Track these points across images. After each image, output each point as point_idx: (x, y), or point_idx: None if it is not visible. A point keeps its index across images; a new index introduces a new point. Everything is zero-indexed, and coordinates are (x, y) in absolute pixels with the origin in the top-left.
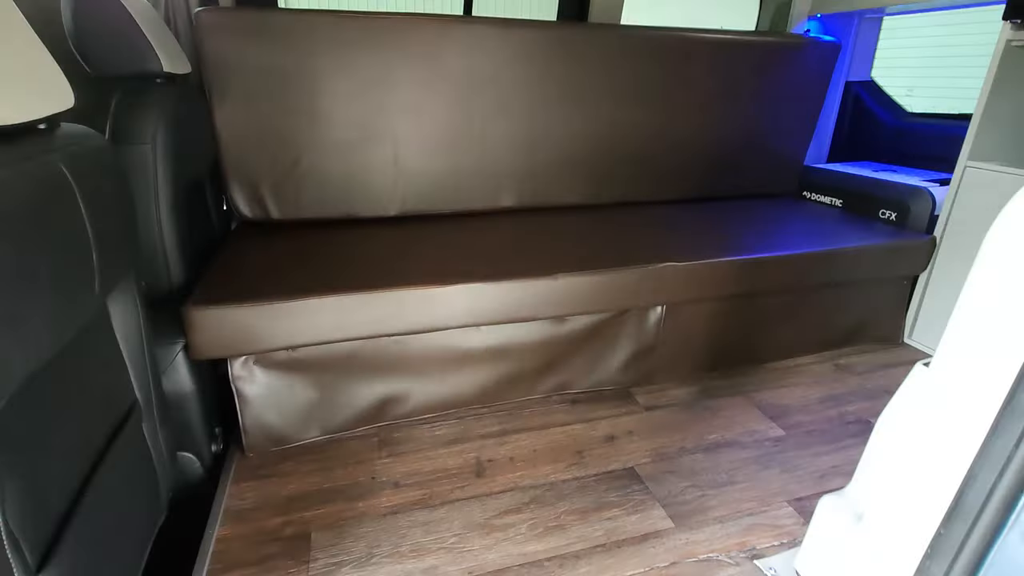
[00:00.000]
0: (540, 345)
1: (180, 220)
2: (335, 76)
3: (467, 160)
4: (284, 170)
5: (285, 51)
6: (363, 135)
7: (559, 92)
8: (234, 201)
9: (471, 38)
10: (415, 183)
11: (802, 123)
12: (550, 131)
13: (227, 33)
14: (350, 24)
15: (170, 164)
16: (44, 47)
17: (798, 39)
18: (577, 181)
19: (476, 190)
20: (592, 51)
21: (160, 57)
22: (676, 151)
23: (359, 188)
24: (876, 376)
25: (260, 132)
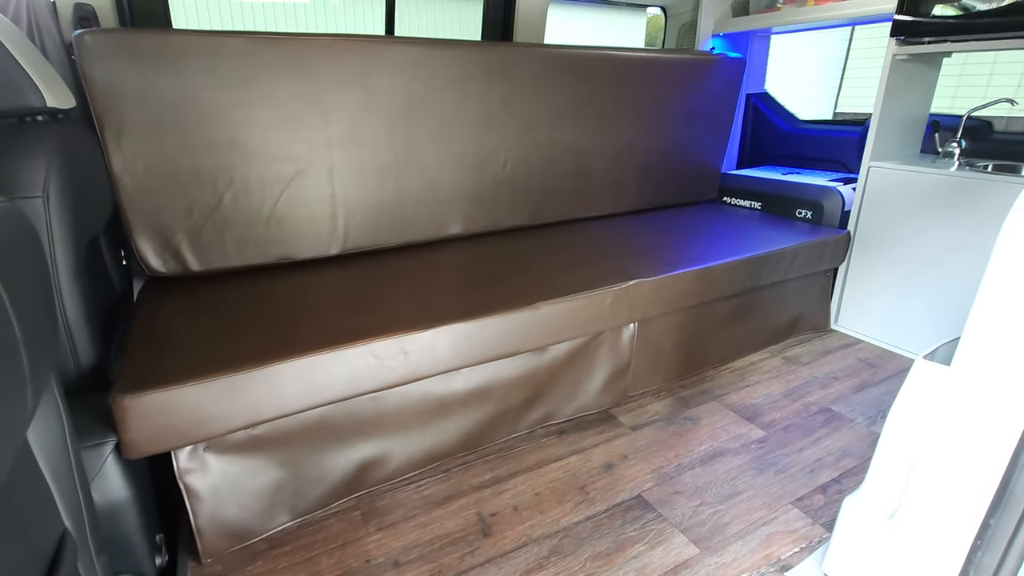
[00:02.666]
0: (522, 379)
1: (84, 287)
2: (257, 105)
3: (410, 188)
4: (203, 214)
5: (192, 78)
6: (295, 168)
7: (496, 113)
8: (141, 255)
9: (402, 60)
10: (356, 217)
11: (718, 133)
12: (491, 153)
13: (118, 59)
14: (269, 47)
15: (69, 219)
16: None
17: (711, 56)
18: (521, 202)
19: (422, 219)
20: (522, 71)
21: (41, 89)
22: (610, 166)
23: (294, 227)
24: (820, 364)
25: (170, 172)
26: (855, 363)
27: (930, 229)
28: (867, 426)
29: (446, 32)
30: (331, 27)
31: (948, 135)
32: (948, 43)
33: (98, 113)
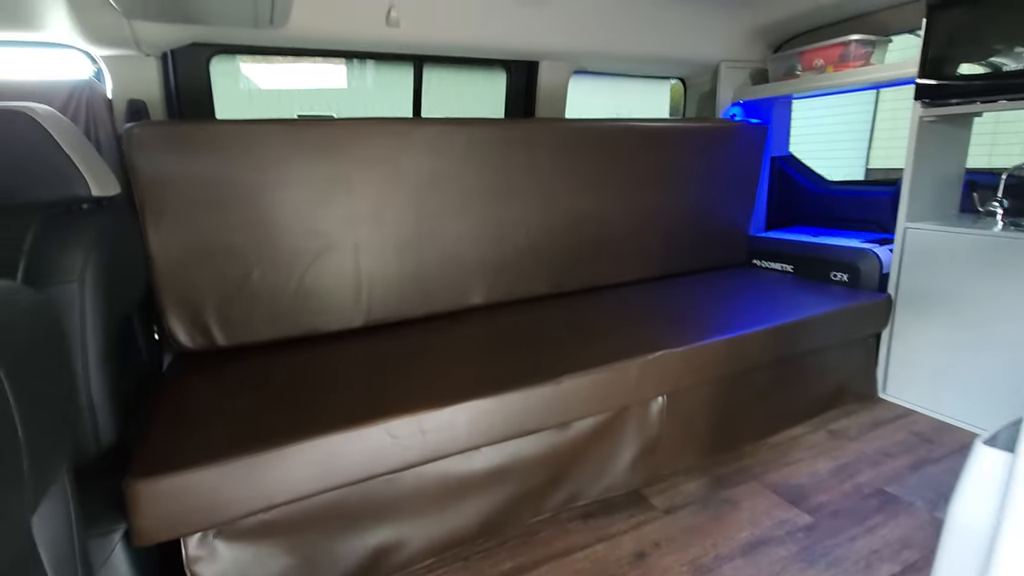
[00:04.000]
0: (545, 457)
1: (112, 369)
2: (288, 186)
3: (432, 260)
4: (232, 289)
5: (228, 163)
6: (321, 244)
7: (517, 184)
8: (171, 331)
9: (427, 139)
10: (379, 290)
11: (744, 197)
12: (512, 224)
13: (163, 149)
14: (301, 132)
15: (101, 303)
16: None
17: (731, 124)
18: (543, 271)
19: (444, 291)
20: (544, 145)
21: (88, 180)
22: (634, 233)
23: (319, 302)
24: (870, 439)
25: (203, 250)
26: (909, 437)
27: (978, 292)
28: (928, 511)
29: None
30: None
31: (988, 193)
32: (976, 104)
33: (140, 198)
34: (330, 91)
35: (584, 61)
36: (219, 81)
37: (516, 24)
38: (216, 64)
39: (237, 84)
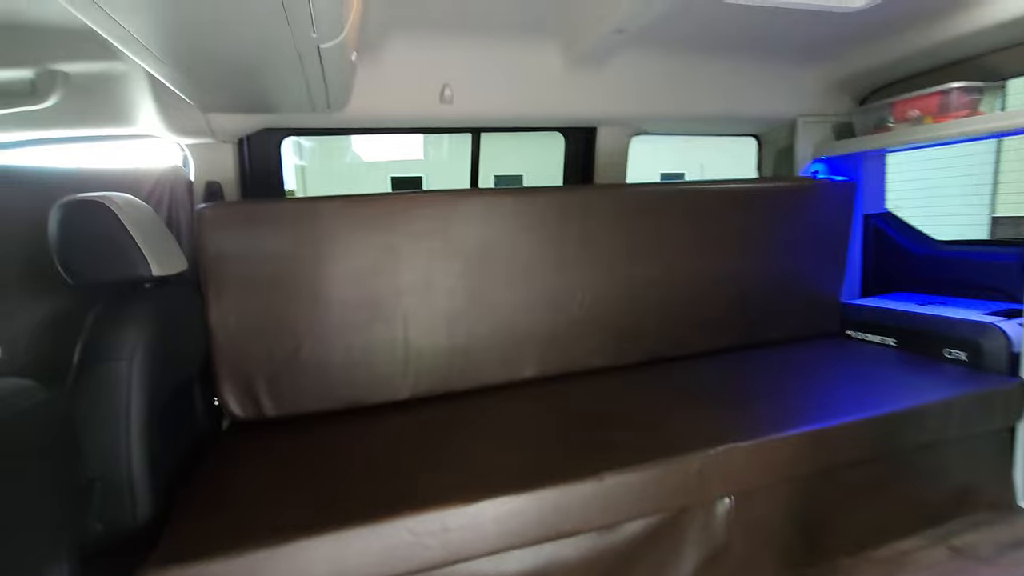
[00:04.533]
0: (588, 564)
1: (152, 444)
2: (340, 259)
3: (482, 331)
4: (282, 361)
5: (287, 239)
6: (369, 316)
7: (573, 254)
8: (224, 400)
9: (478, 209)
10: (427, 362)
11: (832, 261)
12: (566, 294)
13: (227, 227)
14: (354, 207)
15: (147, 381)
16: None
17: (811, 182)
18: (600, 342)
19: (494, 363)
20: (601, 211)
21: (150, 261)
22: (700, 302)
23: (365, 373)
24: (1007, 561)
25: (257, 323)
26: None
27: None
28: None
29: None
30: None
31: None
32: None
33: (204, 273)
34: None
35: (645, 124)
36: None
37: (572, 92)
38: (322, 142)
39: (344, 158)
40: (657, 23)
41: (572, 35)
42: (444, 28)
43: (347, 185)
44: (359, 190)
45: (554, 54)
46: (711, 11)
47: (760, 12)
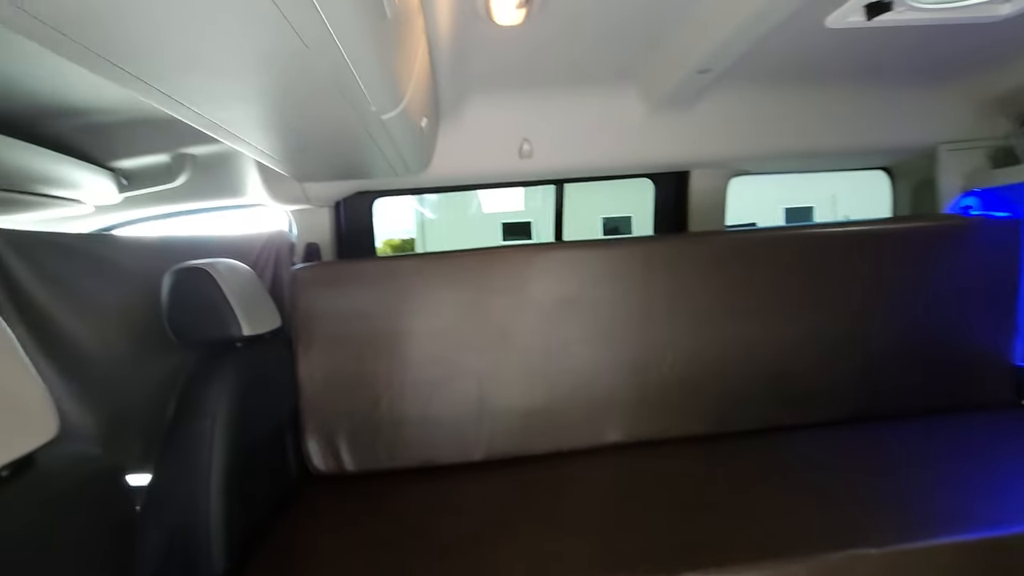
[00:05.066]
0: None
1: (231, 499)
2: (417, 316)
3: (561, 391)
4: (362, 417)
5: (369, 297)
6: (445, 373)
7: (659, 308)
8: (307, 453)
9: (556, 264)
10: (503, 422)
11: (999, 314)
12: (655, 353)
13: (318, 286)
14: (431, 264)
15: (229, 438)
16: (31, 369)
17: (963, 220)
18: (697, 406)
19: (575, 426)
20: (694, 262)
21: (242, 323)
22: (820, 363)
23: (440, 431)
24: None
25: (342, 379)
26: None
27: None
28: None
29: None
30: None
31: None
32: None
33: (295, 330)
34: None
35: (745, 164)
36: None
37: (658, 136)
38: (447, 196)
39: (469, 210)
40: (748, 58)
41: (652, 79)
42: (520, 85)
43: (465, 235)
44: (476, 239)
45: (635, 100)
46: (813, 39)
47: (879, 33)
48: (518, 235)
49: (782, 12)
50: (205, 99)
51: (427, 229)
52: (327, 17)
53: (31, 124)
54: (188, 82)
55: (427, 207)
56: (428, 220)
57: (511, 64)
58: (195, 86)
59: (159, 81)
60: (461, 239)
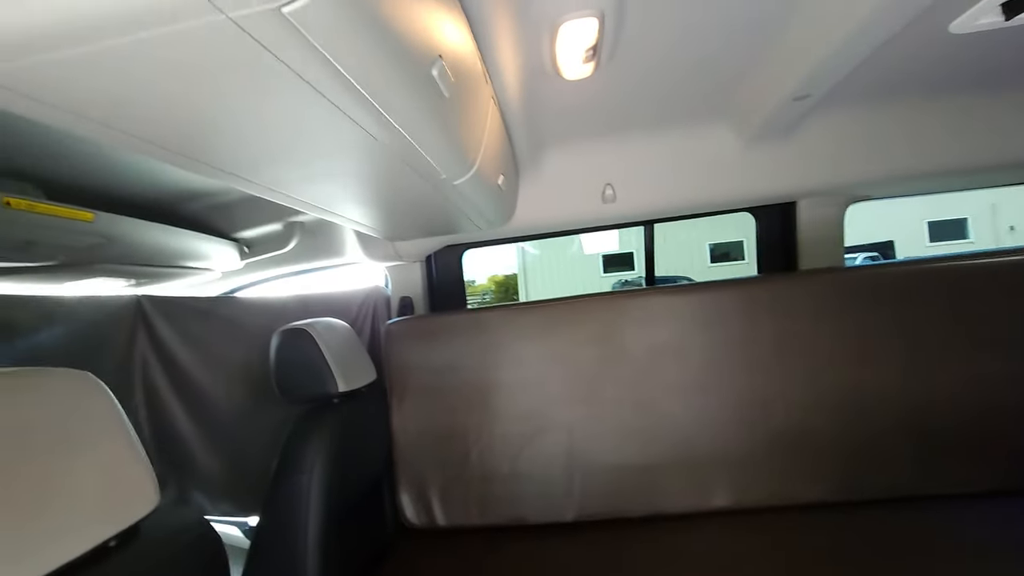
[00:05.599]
0: None
1: (329, 551)
2: (505, 368)
3: (658, 449)
4: (453, 471)
5: (457, 350)
6: (534, 428)
7: (767, 355)
8: (400, 505)
9: (647, 311)
10: (595, 480)
11: None
12: (763, 405)
13: (410, 339)
14: (517, 316)
15: (325, 492)
16: (138, 446)
17: None
18: (815, 470)
19: (674, 487)
20: (803, 301)
21: (338, 380)
22: (972, 420)
23: (530, 487)
24: None
25: (433, 432)
26: None
27: None
28: None
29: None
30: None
31: None
32: None
33: (388, 384)
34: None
35: (865, 190)
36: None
37: (755, 168)
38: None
39: (570, 250)
40: (855, 78)
41: (742, 112)
42: (597, 132)
43: (566, 269)
44: (576, 273)
45: (725, 133)
46: (935, 48)
47: (1016, 34)
48: (619, 267)
49: (886, 28)
50: (293, 185)
51: (528, 265)
52: (388, 113)
53: (172, 207)
54: (277, 173)
55: (529, 243)
56: (530, 256)
57: (586, 113)
58: (282, 176)
59: (254, 174)
60: (562, 273)
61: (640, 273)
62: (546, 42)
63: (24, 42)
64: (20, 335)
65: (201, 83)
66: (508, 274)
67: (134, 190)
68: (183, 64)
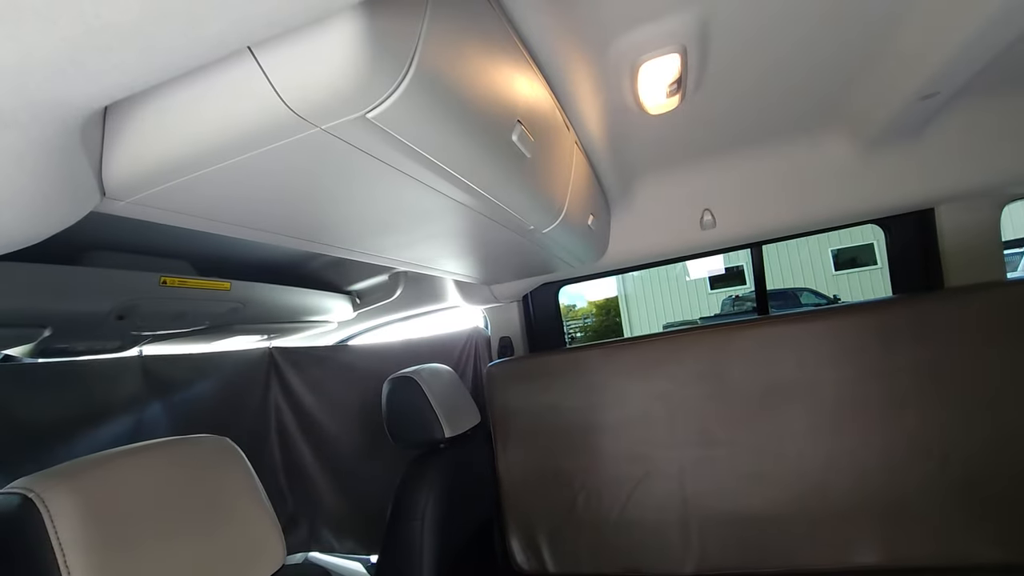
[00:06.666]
0: None
1: None
2: (608, 409)
3: (786, 497)
4: (561, 515)
5: (558, 390)
6: (643, 471)
7: (909, 390)
8: (510, 549)
9: (758, 344)
10: (714, 531)
11: None
12: (912, 447)
13: (510, 381)
14: (618, 353)
15: (437, 535)
16: (268, 506)
17: None
18: (982, 525)
19: (808, 540)
20: (950, 326)
21: (444, 425)
22: None
23: (643, 535)
24: None
25: (539, 475)
26: None
27: None
28: None
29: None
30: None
31: None
32: None
33: (493, 425)
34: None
35: (1022, 186)
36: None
37: (881, 176)
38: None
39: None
40: (994, 68)
41: (859, 116)
42: (689, 159)
43: (669, 296)
44: (681, 293)
45: (839, 142)
46: None
47: None
48: (729, 282)
49: None
50: (394, 249)
51: (629, 291)
52: (472, 182)
53: (291, 268)
54: (379, 242)
55: (632, 281)
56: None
57: (675, 143)
58: (384, 243)
59: (361, 246)
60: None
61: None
62: (627, 82)
63: (159, 172)
64: (179, 387)
65: (308, 181)
66: (610, 296)
67: (262, 257)
68: (290, 168)
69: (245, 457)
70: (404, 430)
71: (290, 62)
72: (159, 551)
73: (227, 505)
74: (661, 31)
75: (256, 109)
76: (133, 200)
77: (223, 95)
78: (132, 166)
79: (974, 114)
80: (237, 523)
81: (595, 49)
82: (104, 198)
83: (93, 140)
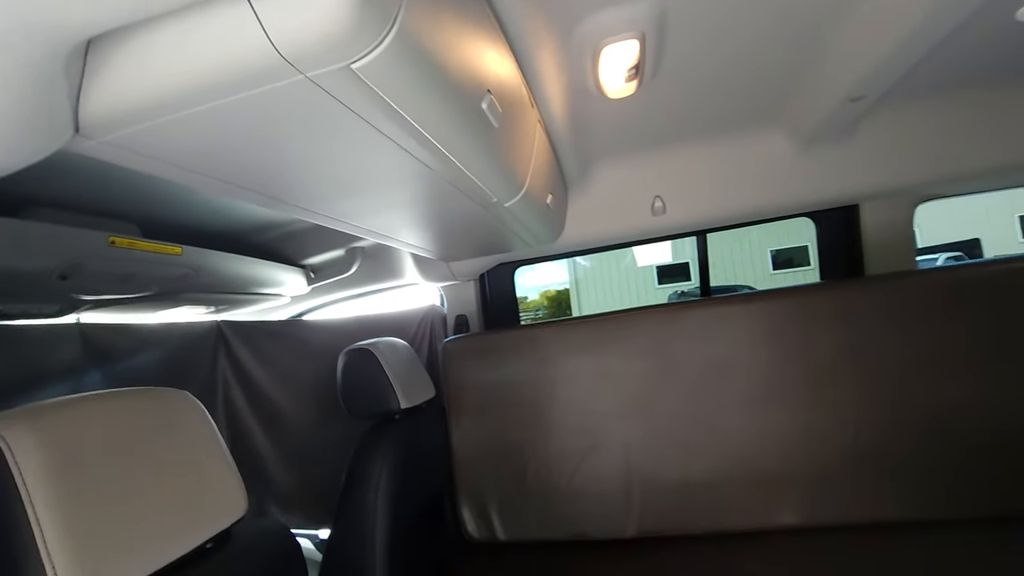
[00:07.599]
0: None
1: (394, 564)
2: (558, 384)
3: (721, 465)
4: (511, 486)
5: (511, 367)
6: (590, 443)
7: (828, 369)
8: (463, 520)
9: (700, 323)
10: (654, 497)
11: None
12: (830, 423)
13: (466, 357)
14: (568, 331)
15: (390, 504)
16: (229, 459)
17: None
18: (894, 487)
19: (739, 504)
20: (883, 308)
21: (400, 397)
22: None
23: (589, 503)
24: None
25: (490, 448)
26: None
27: None
28: None
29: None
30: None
31: None
32: None
33: (447, 400)
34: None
35: (933, 189)
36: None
37: (813, 173)
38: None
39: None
40: (914, 75)
41: (796, 116)
42: (644, 146)
43: (619, 281)
44: (629, 285)
45: (779, 139)
46: (1005, 37)
47: None
48: (675, 278)
49: (947, 23)
50: (358, 215)
51: (580, 279)
52: (442, 145)
53: (243, 237)
54: (345, 206)
55: (580, 257)
56: (581, 269)
57: (632, 129)
58: (349, 208)
59: (326, 208)
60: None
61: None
62: (589, 65)
63: (137, 110)
64: (121, 358)
65: (282, 132)
66: (560, 289)
67: (213, 224)
68: (268, 117)
69: (207, 411)
70: (359, 401)
71: (282, 5)
72: (124, 494)
73: (190, 455)
74: (622, 16)
75: (245, 50)
76: (104, 140)
77: (213, 34)
78: (111, 102)
79: (896, 118)
80: (200, 472)
81: (561, 29)
82: (75, 135)
83: (74, 73)
